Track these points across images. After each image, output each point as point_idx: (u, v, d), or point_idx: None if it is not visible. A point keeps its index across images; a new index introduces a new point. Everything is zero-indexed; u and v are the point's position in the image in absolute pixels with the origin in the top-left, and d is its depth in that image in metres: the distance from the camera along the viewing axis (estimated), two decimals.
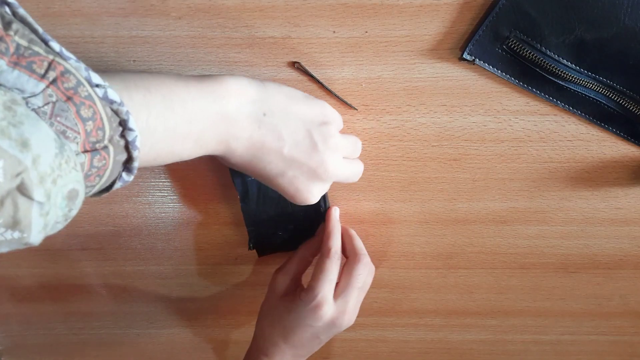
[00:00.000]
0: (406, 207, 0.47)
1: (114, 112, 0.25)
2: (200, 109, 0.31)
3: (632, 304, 0.52)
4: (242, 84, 0.33)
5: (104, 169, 0.26)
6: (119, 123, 0.26)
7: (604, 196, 0.46)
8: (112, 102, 0.25)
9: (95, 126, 0.24)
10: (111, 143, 0.25)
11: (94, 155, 0.25)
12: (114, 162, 0.26)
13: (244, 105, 0.32)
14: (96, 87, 0.25)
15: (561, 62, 0.39)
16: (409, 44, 0.39)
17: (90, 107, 0.24)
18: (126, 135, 0.26)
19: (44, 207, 0.21)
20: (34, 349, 0.57)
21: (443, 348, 0.56)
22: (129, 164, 0.27)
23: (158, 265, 0.51)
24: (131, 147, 0.26)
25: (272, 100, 0.34)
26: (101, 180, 0.26)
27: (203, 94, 0.31)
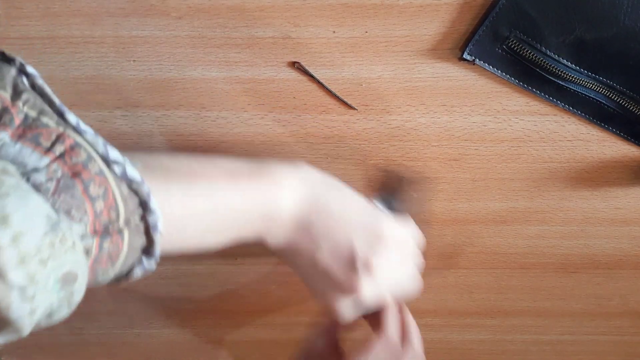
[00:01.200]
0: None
1: (132, 191, 0.23)
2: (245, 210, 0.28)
3: (632, 304, 0.52)
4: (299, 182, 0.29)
5: (116, 254, 0.23)
6: (139, 204, 0.23)
7: (604, 196, 0.46)
8: (131, 181, 0.23)
9: (107, 206, 0.22)
10: (127, 226, 0.23)
11: (103, 238, 0.22)
12: (129, 247, 0.23)
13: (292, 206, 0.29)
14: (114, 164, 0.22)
15: (561, 62, 0.39)
16: (409, 44, 0.39)
17: (101, 185, 0.21)
18: (147, 218, 0.23)
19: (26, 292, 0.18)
20: (34, 349, 0.57)
21: (443, 348, 0.56)
22: (150, 249, 0.25)
23: (158, 265, 0.51)
24: (152, 231, 0.24)
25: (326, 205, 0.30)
26: (115, 266, 0.24)
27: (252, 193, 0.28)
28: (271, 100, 0.42)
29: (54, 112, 0.21)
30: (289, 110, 0.42)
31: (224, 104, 0.42)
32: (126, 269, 0.25)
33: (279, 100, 0.42)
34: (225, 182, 0.27)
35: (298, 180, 0.30)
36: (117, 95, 0.41)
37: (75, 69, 0.40)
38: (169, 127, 0.43)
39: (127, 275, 0.25)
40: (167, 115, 0.42)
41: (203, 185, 0.27)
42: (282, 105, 0.42)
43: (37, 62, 0.40)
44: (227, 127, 0.42)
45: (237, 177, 0.28)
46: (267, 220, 0.29)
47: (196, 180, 0.26)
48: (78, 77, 0.41)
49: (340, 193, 0.32)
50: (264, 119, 0.42)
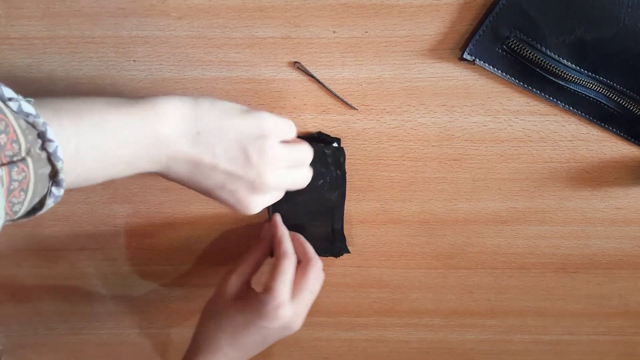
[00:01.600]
0: (406, 207, 0.47)
1: (30, 124, 0.25)
2: (132, 134, 0.31)
3: (632, 304, 0.52)
4: (173, 105, 0.33)
5: (25, 182, 0.25)
6: (37, 135, 0.26)
7: (604, 196, 0.46)
8: (27, 114, 0.25)
9: (9, 139, 0.24)
10: (29, 155, 0.25)
11: (11, 167, 0.24)
12: (35, 175, 0.26)
13: (177, 125, 0.33)
14: (9, 101, 0.25)
15: (561, 62, 0.39)
16: (409, 44, 0.39)
17: (1, 121, 0.24)
18: (47, 147, 0.26)
19: None
20: (34, 349, 0.57)
21: (443, 348, 0.56)
22: (56, 177, 0.27)
23: (158, 265, 0.51)
24: (54, 158, 0.26)
25: (205, 117, 0.34)
26: (27, 194, 0.26)
27: (134, 118, 0.31)
28: (271, 100, 0.42)
29: None
30: (289, 110, 0.42)
31: None
32: (38, 198, 0.27)
33: (279, 100, 0.42)
34: (108, 113, 0.30)
35: (173, 102, 0.33)
36: (117, 95, 0.41)
37: (75, 69, 0.40)
38: None
39: (40, 205, 0.28)
40: None
41: (91, 118, 0.29)
42: (282, 105, 0.42)
43: (37, 62, 0.40)
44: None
45: (120, 108, 0.31)
46: (157, 143, 0.32)
47: (85, 115, 0.29)
48: (78, 77, 0.41)
49: (215, 103, 0.35)
50: None
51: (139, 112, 0.31)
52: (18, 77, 0.40)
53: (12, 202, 0.25)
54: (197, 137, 0.33)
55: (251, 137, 0.35)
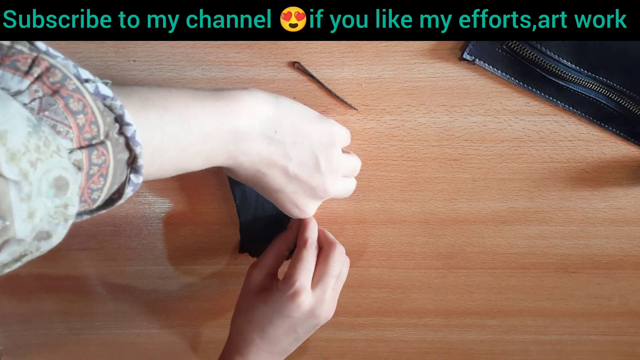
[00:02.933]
0: (406, 207, 0.47)
1: (107, 107, 0.25)
2: (215, 129, 0.31)
3: (632, 304, 0.52)
4: (257, 101, 0.33)
5: (105, 166, 0.24)
6: (115, 120, 0.25)
7: (604, 196, 0.46)
8: (104, 97, 0.24)
9: (87, 120, 0.23)
10: (108, 139, 0.24)
11: (91, 151, 0.23)
12: (115, 160, 0.25)
13: (257, 123, 0.33)
14: (86, 82, 0.24)
15: (561, 62, 0.39)
16: (409, 44, 0.39)
17: (79, 100, 0.23)
18: (125, 132, 0.25)
19: (22, 189, 0.20)
20: (34, 349, 0.57)
21: (443, 348, 0.56)
22: (135, 163, 0.26)
23: (158, 265, 0.51)
24: (132, 143, 0.25)
25: (284, 118, 0.34)
26: (106, 180, 0.25)
27: (218, 113, 0.31)
28: None
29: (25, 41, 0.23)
30: None
31: None
32: (117, 186, 0.26)
33: None
34: (194, 106, 0.30)
35: (256, 99, 0.33)
36: None
37: None
38: None
39: (119, 194, 0.27)
40: None
41: (177, 111, 0.29)
42: None
43: None
44: None
45: (205, 101, 0.31)
46: (236, 139, 0.32)
47: (170, 106, 0.29)
48: None
49: (294, 104, 0.36)
50: None
51: (223, 107, 0.31)
52: None
53: (91, 189, 0.24)
54: (274, 136, 0.34)
55: (323, 144, 0.36)
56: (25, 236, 0.20)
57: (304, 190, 0.37)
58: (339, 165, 0.38)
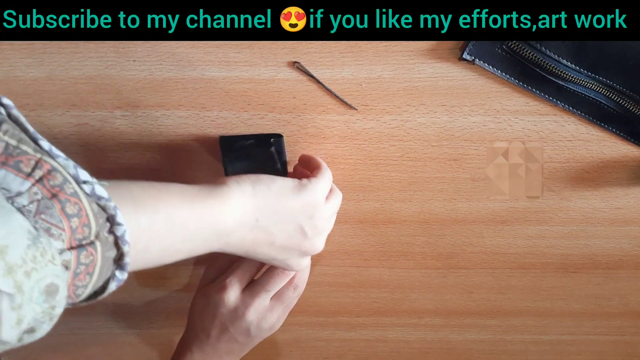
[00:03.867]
0: (406, 207, 0.47)
1: (100, 207, 0.26)
2: (198, 229, 0.32)
3: (632, 304, 0.52)
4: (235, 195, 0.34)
5: (92, 265, 0.25)
6: (107, 219, 0.26)
7: (604, 196, 0.46)
8: (99, 198, 0.26)
9: (80, 223, 0.24)
10: (98, 239, 0.25)
11: (80, 251, 0.25)
12: (102, 258, 0.26)
13: (240, 218, 0.35)
14: (84, 184, 0.25)
15: (561, 62, 0.39)
16: (409, 44, 0.39)
17: (75, 204, 0.24)
18: (115, 231, 0.26)
19: (15, 300, 0.20)
20: (34, 349, 0.57)
21: (443, 348, 0.56)
22: (121, 260, 0.27)
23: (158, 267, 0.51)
24: (121, 242, 0.27)
25: (264, 205, 0.36)
26: (92, 278, 0.26)
27: (204, 213, 0.33)
28: (271, 100, 0.42)
29: (30, 139, 0.24)
30: (289, 110, 0.42)
31: (224, 104, 0.42)
32: (102, 282, 0.27)
33: (279, 100, 0.42)
34: (182, 207, 0.32)
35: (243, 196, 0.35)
36: (117, 95, 0.41)
37: (75, 69, 0.40)
38: (169, 127, 0.43)
39: (102, 289, 0.28)
40: (167, 115, 0.42)
41: (165, 212, 0.30)
42: (282, 105, 0.42)
43: (37, 62, 0.40)
44: (227, 127, 0.42)
45: (193, 202, 0.32)
46: (219, 235, 0.34)
47: (160, 208, 0.30)
48: (78, 77, 0.41)
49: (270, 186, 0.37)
50: (264, 119, 0.42)
51: (208, 207, 0.33)
52: (18, 77, 0.40)
53: (76, 286, 0.25)
54: (257, 224, 0.35)
55: (306, 214, 0.37)
56: (10, 339, 0.21)
57: (293, 255, 0.39)
58: (325, 226, 0.39)
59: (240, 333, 0.42)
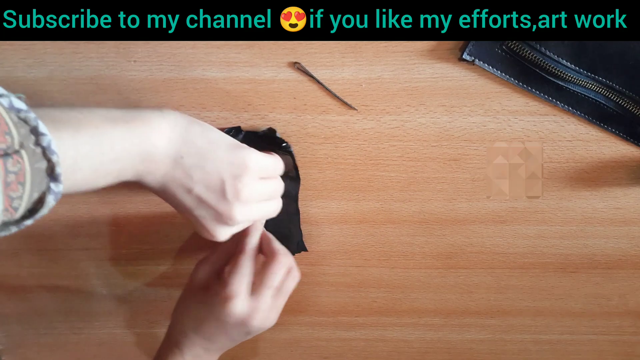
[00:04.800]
0: (406, 207, 0.47)
1: (21, 119, 0.26)
2: (125, 149, 0.32)
3: (631, 304, 0.52)
4: (167, 124, 0.34)
5: (22, 173, 0.25)
6: (30, 131, 0.26)
7: (603, 196, 0.46)
8: (18, 110, 0.25)
9: (1, 131, 0.24)
10: (23, 148, 0.25)
11: (5, 159, 0.24)
12: (32, 168, 0.26)
13: (164, 146, 0.34)
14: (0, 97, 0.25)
15: (560, 63, 0.39)
16: (409, 44, 0.39)
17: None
18: (40, 142, 0.26)
19: None
20: (34, 348, 0.57)
21: (443, 348, 0.56)
22: (53, 172, 0.27)
23: (158, 265, 0.51)
24: (49, 152, 0.26)
25: (192, 143, 0.35)
26: (25, 188, 0.26)
27: (128, 134, 0.32)
28: (271, 100, 0.42)
29: None
30: (289, 110, 0.42)
31: (224, 104, 0.42)
32: (37, 194, 0.27)
33: (279, 100, 0.42)
34: (106, 127, 0.31)
35: (167, 122, 0.34)
36: (117, 96, 0.41)
37: (76, 69, 0.40)
38: None
39: (40, 203, 0.28)
40: None
41: (88, 132, 0.30)
42: (282, 105, 0.42)
43: (38, 63, 0.40)
44: (227, 127, 0.42)
45: (116, 123, 0.32)
46: (144, 160, 0.33)
47: (82, 127, 0.30)
48: (79, 78, 0.41)
49: (206, 132, 0.36)
50: (264, 119, 0.42)
51: (134, 128, 0.33)
52: (18, 77, 0.40)
53: (10, 197, 0.25)
54: (180, 160, 0.35)
55: (231, 173, 0.36)
56: None
57: (210, 216, 0.37)
58: (248, 196, 0.37)
59: (240, 335, 0.42)
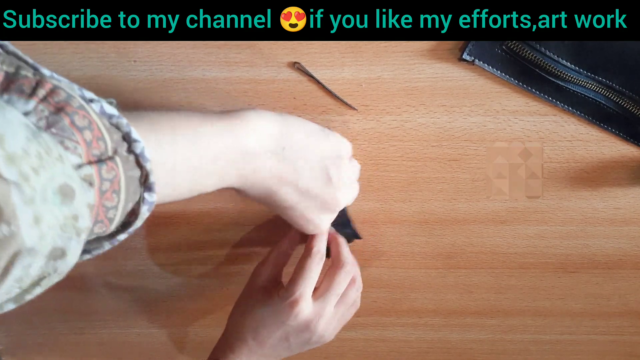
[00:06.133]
0: (406, 207, 0.47)
1: (113, 125, 0.25)
2: (224, 147, 0.31)
3: (631, 304, 0.52)
4: (263, 120, 0.33)
5: (116, 181, 0.24)
6: (122, 138, 0.25)
7: (603, 196, 0.46)
8: (110, 116, 0.25)
9: (94, 136, 0.23)
10: (117, 155, 0.24)
11: (100, 166, 0.23)
12: (126, 176, 0.25)
13: (265, 140, 0.33)
14: (90, 102, 0.24)
15: (560, 63, 0.39)
16: (409, 44, 0.39)
17: (84, 117, 0.23)
18: (133, 149, 0.25)
19: (24, 191, 0.19)
20: (34, 348, 0.57)
21: (443, 348, 0.56)
22: (147, 181, 0.26)
23: (158, 265, 0.51)
24: (142, 160, 0.25)
25: (292, 136, 0.34)
26: (120, 197, 0.24)
27: (226, 132, 0.31)
28: (271, 100, 0.42)
29: (29, 66, 0.23)
30: (289, 110, 0.42)
31: (225, 104, 0.42)
32: (131, 205, 0.26)
33: (279, 100, 0.42)
34: (202, 127, 0.31)
35: (264, 118, 0.34)
36: (117, 96, 0.41)
37: (76, 70, 0.40)
38: None
39: (135, 215, 0.27)
40: None
41: (186, 132, 0.29)
42: (282, 105, 0.42)
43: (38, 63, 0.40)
44: None
45: (213, 123, 0.31)
46: (245, 157, 0.32)
47: (179, 128, 0.29)
48: (79, 78, 0.41)
49: (301, 123, 0.36)
50: None
51: (231, 126, 0.32)
52: None
53: (105, 207, 0.24)
54: (283, 152, 0.34)
55: (332, 158, 0.36)
56: (34, 244, 0.19)
57: (316, 205, 0.37)
58: (350, 177, 0.38)
59: (300, 343, 0.41)
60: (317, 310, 0.40)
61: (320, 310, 0.40)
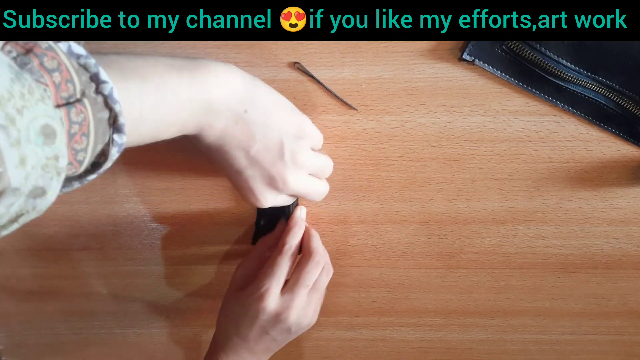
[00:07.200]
0: (406, 207, 0.47)
1: (81, 66, 0.25)
2: (190, 99, 0.31)
3: (631, 304, 0.52)
4: (232, 76, 0.33)
5: (85, 124, 0.24)
6: (90, 78, 0.25)
7: (603, 196, 0.46)
8: (78, 55, 0.25)
9: (63, 78, 0.23)
10: (85, 97, 0.24)
11: (69, 109, 0.23)
12: (95, 118, 0.25)
13: (230, 97, 0.33)
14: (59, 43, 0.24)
15: (560, 63, 0.39)
16: (409, 44, 0.39)
17: (53, 59, 0.23)
18: (102, 90, 0.25)
19: (10, 133, 0.19)
20: (34, 348, 0.57)
21: (443, 348, 0.56)
22: (116, 122, 0.26)
23: (158, 265, 0.51)
24: (110, 101, 0.25)
25: (257, 99, 0.34)
26: (89, 139, 0.25)
27: (193, 83, 0.31)
28: None
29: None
30: None
31: None
32: (101, 146, 0.26)
33: None
34: (171, 76, 0.30)
35: (233, 74, 0.33)
36: None
37: None
38: None
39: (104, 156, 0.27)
40: None
41: (154, 81, 0.29)
42: None
43: None
44: None
45: (181, 72, 0.31)
46: (208, 111, 0.32)
47: (148, 76, 0.29)
48: None
49: (271, 91, 0.36)
50: None
51: (199, 76, 0.32)
52: None
53: (75, 149, 0.24)
54: (243, 114, 0.34)
55: (291, 134, 0.36)
56: (19, 184, 0.20)
57: (262, 177, 0.36)
58: (305, 161, 0.37)
59: (280, 333, 0.42)
60: (285, 303, 0.41)
61: (288, 302, 0.41)
